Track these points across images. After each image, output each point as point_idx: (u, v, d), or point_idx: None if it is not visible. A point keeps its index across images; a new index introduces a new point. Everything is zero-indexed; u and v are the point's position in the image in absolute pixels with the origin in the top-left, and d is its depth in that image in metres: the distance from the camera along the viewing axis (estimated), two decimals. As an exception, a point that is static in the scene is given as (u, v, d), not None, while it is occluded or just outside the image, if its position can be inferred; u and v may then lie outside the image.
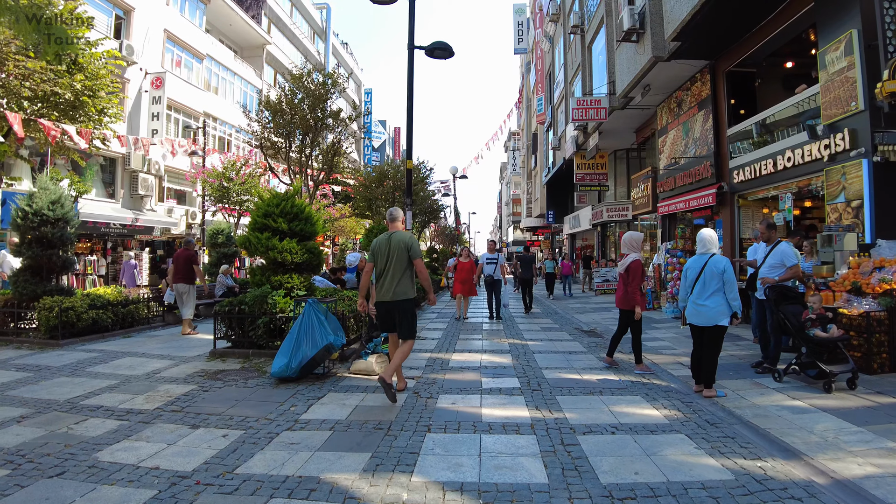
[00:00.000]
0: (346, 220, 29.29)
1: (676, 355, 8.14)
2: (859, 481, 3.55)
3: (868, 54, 8.09)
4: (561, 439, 4.44)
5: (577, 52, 22.30)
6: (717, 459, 3.97)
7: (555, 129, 29.10)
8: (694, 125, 14.21)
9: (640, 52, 13.59)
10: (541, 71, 33.36)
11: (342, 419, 5.04)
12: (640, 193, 19.22)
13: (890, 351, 6.54)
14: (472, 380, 6.67)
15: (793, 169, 10.07)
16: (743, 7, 10.20)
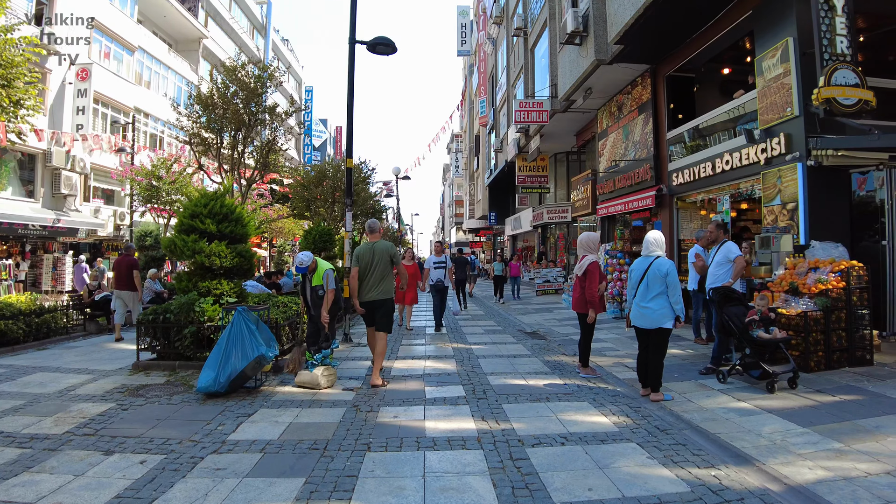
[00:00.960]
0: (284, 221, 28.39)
1: (620, 357, 8.12)
2: (813, 487, 3.50)
3: (803, 62, 8.32)
4: (510, 453, 4.22)
5: (519, 55, 22.40)
6: (671, 470, 3.85)
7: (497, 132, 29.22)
8: (634, 128, 14.42)
9: (583, 55, 13.67)
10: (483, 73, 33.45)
11: (274, 439, 4.64)
12: (580, 195, 19.45)
13: (826, 349, 6.70)
14: (415, 389, 6.37)
15: (730, 172, 10.29)
16: (684, 12, 10.36)
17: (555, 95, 17.13)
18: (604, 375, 6.95)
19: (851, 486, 3.50)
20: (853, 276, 6.92)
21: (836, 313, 6.76)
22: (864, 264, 7.13)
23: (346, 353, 8.62)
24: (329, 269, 7.29)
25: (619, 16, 11.18)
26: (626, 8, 10.76)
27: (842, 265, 7.01)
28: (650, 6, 9.94)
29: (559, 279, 20.33)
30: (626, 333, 10.01)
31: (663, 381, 5.93)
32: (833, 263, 7.13)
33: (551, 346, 9.29)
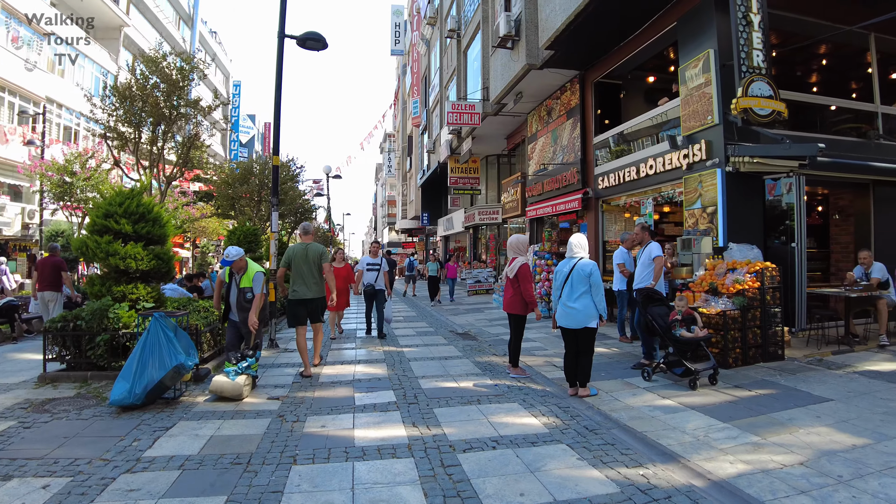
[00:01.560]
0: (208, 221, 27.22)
1: (549, 356, 8.23)
2: (734, 481, 3.62)
3: (723, 73, 8.74)
4: (441, 460, 4.13)
5: (452, 57, 22.49)
6: (600, 471, 3.89)
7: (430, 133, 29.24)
8: (562, 133, 14.74)
9: (515, 59, 13.86)
10: (417, 73, 33.40)
11: (194, 454, 4.33)
12: (510, 198, 19.71)
13: (743, 346, 7.03)
14: (344, 396, 6.15)
15: (654, 176, 10.67)
16: (613, 21, 10.67)
17: (487, 98, 17.29)
18: (533, 375, 7.00)
19: (769, 478, 3.65)
20: (767, 277, 7.30)
21: (751, 312, 7.10)
22: (776, 265, 7.55)
23: (272, 360, 8.27)
24: (260, 272, 6.82)
25: (551, 21, 11.39)
26: (558, 14, 10.97)
27: (757, 266, 7.39)
28: (580, 13, 10.18)
29: (490, 279, 20.53)
30: (554, 333, 10.16)
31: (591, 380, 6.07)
32: (749, 265, 7.50)
33: (482, 346, 9.31)
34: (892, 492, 3.38)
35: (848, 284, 8.36)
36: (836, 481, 3.56)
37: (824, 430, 4.52)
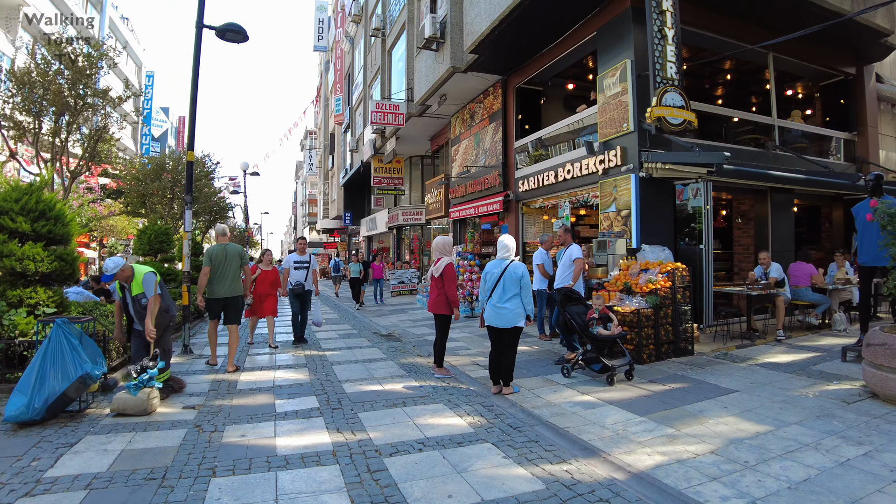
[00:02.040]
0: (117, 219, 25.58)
1: (473, 355, 8.32)
2: (652, 472, 3.79)
3: (639, 83, 9.16)
4: (367, 466, 4.07)
5: (377, 56, 22.33)
6: (526, 468, 3.96)
7: (353, 131, 28.89)
8: (485, 136, 14.97)
9: (440, 62, 13.93)
10: (340, 71, 32.92)
11: (103, 471, 4.01)
12: (433, 199, 19.80)
13: (656, 342, 7.39)
14: (264, 403, 5.90)
15: (572, 181, 11.02)
16: (536, 28, 10.93)
17: (411, 99, 17.28)
18: (458, 375, 7.05)
19: (684, 467, 3.85)
20: (678, 276, 7.71)
21: (663, 310, 7.48)
22: (686, 265, 7.99)
23: (186, 367, 7.84)
24: (149, 273, 6.13)
25: (476, 26, 11.54)
26: (483, 18, 11.14)
27: (668, 267, 7.79)
28: (505, 18, 10.38)
29: (414, 280, 20.53)
30: (477, 332, 10.32)
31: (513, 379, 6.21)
32: (661, 265, 7.91)
33: (406, 348, 9.28)
34: (792, 474, 3.67)
35: (749, 283, 8.98)
36: (743, 467, 3.81)
37: (731, 420, 4.83)
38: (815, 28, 9.11)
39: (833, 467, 3.76)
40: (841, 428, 4.53)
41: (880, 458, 3.90)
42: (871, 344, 5.30)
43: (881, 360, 5.14)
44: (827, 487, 3.46)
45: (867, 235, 7.04)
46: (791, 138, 12.26)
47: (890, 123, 14.14)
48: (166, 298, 6.31)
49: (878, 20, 10.90)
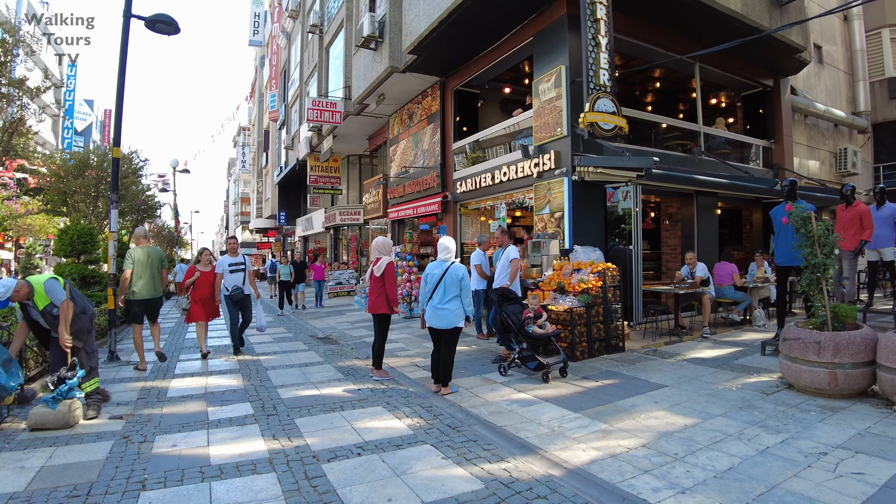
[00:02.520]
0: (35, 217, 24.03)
1: (411, 356, 8.31)
2: (587, 467, 3.90)
3: (573, 88, 9.40)
4: (305, 472, 3.98)
5: (314, 52, 21.96)
6: (465, 468, 3.98)
7: (288, 128, 28.28)
8: (423, 137, 14.99)
9: (378, 61, 13.85)
10: (276, 66, 32.17)
11: (20, 490, 3.73)
12: (371, 199, 19.66)
13: (588, 340, 7.61)
14: (196, 411, 5.67)
15: (508, 183, 11.20)
16: (474, 31, 11.03)
17: (349, 97, 17.09)
18: (397, 377, 7.01)
19: (618, 462, 3.98)
20: (608, 276, 7.97)
21: (595, 308, 7.71)
22: (616, 265, 8.27)
23: (112, 374, 7.45)
24: (50, 280, 5.56)
25: (415, 26, 11.54)
26: (421, 19, 11.15)
27: (599, 267, 8.05)
28: (443, 21, 10.43)
29: (352, 281, 20.31)
30: (416, 333, 10.31)
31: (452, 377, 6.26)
32: (592, 265, 8.16)
33: (344, 350, 9.16)
34: (717, 463, 3.86)
35: (676, 282, 9.37)
36: (674, 458, 3.98)
37: (662, 414, 5.04)
38: (737, 42, 9.62)
39: (754, 455, 3.98)
40: (761, 418, 4.81)
41: (796, 444, 4.16)
42: (787, 338, 5.65)
43: (795, 353, 5.48)
44: (749, 474, 3.66)
45: (783, 237, 7.50)
46: (715, 144, 12.90)
47: (803, 133, 15.12)
48: (79, 300, 5.80)
49: (794, 37, 11.62)
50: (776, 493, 3.40)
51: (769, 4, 11.08)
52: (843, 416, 4.79)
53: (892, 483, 3.46)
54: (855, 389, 5.22)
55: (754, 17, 10.53)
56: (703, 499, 3.36)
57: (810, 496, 3.33)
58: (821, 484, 3.48)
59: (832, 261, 5.82)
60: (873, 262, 8.94)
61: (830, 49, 16.81)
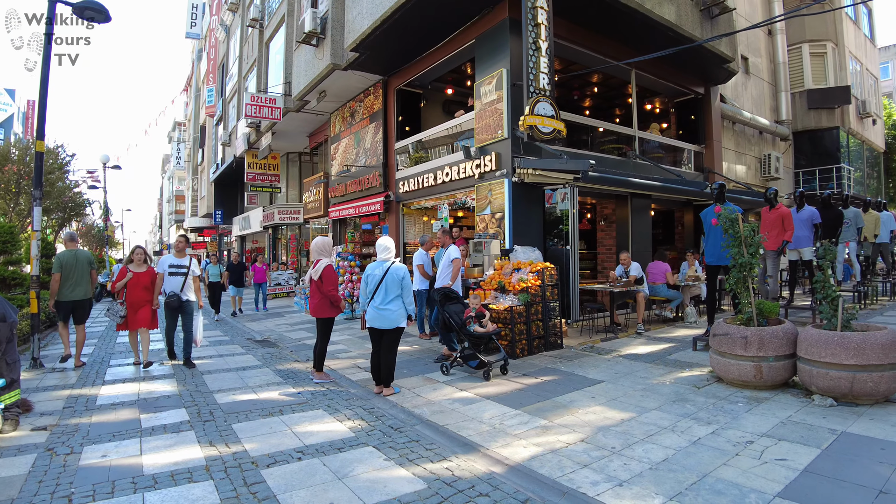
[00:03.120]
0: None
1: (353, 358, 8.22)
2: (528, 463, 3.95)
3: (513, 92, 9.54)
4: (243, 479, 3.86)
5: (254, 47, 21.41)
6: (407, 469, 3.97)
7: (225, 124, 27.46)
8: (366, 136, 14.87)
9: (319, 58, 13.65)
10: (214, 60, 31.18)
11: None
12: (312, 197, 19.34)
13: (528, 338, 7.73)
14: (127, 419, 5.39)
15: (450, 183, 11.25)
16: (417, 31, 11.02)
17: (289, 93, 16.76)
18: (338, 379, 6.91)
19: (557, 457, 4.06)
20: (547, 275, 8.12)
21: (534, 307, 7.84)
22: (554, 265, 8.45)
23: (36, 382, 7.00)
24: None
25: (357, 24, 11.43)
26: (364, 17, 11.05)
27: (538, 266, 8.20)
28: (386, 19, 10.38)
29: (291, 282, 19.90)
30: (357, 334, 10.20)
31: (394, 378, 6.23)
32: (532, 265, 8.30)
33: (283, 353, 8.95)
34: (653, 455, 3.99)
35: (612, 281, 9.65)
36: (611, 452, 4.09)
37: (599, 409, 5.17)
38: (672, 50, 10.01)
39: (687, 446, 4.14)
40: (693, 410, 5.01)
41: (725, 434, 4.35)
42: (716, 334, 5.90)
43: (724, 348, 5.74)
44: (682, 465, 3.80)
45: (712, 238, 7.84)
46: (649, 148, 13.37)
47: (731, 138, 15.88)
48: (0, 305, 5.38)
49: (723, 48, 12.20)
50: (707, 481, 3.55)
51: (701, 16, 11.58)
52: (768, 406, 5.05)
53: (812, 467, 3.67)
54: (778, 381, 5.51)
55: (688, 28, 10.98)
56: (639, 490, 3.46)
57: (738, 482, 3.50)
58: (748, 471, 3.66)
59: (758, 260, 6.12)
60: (794, 262, 9.48)
61: (756, 61, 17.73)
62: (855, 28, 21.15)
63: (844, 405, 4.91)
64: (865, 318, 8.89)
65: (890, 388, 4.83)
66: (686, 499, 3.32)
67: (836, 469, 3.64)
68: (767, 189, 8.99)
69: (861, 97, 20.53)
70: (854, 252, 11.50)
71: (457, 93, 14.57)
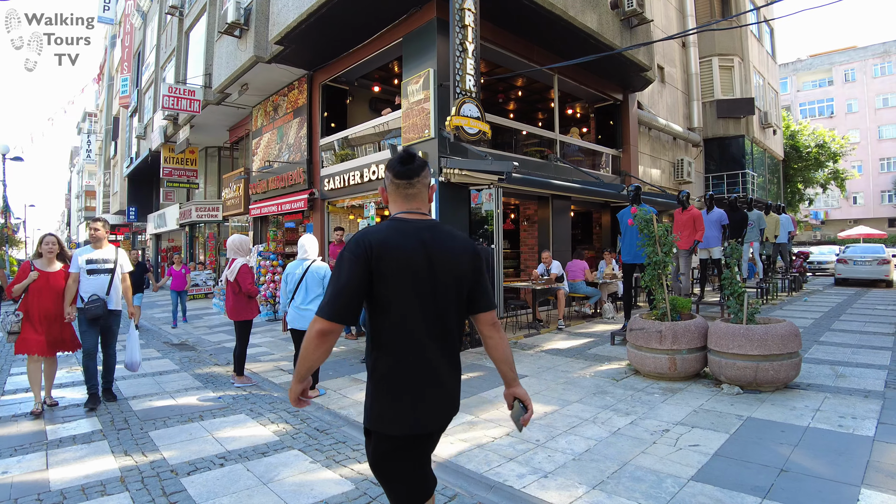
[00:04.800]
0: None
1: (275, 360, 8.02)
2: (455, 459, 4.00)
3: (440, 92, 9.58)
4: (162, 489, 3.70)
5: (172, 36, 20.43)
6: (334, 471, 3.92)
7: (141, 116, 26.04)
8: (289, 131, 14.53)
9: (242, 49, 13.20)
10: (129, 48, 29.46)
11: None
12: (231, 194, 18.69)
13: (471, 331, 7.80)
14: (31, 431, 5.00)
15: (377, 181, 11.15)
16: (343, 27, 10.85)
17: (209, 85, 16.11)
18: (260, 382, 6.73)
19: (484, 451, 4.13)
20: (475, 275, 8.21)
21: (462, 306, 7.91)
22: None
23: None
24: None
25: (282, 16, 11.14)
26: (290, 10, 10.79)
27: (467, 266, 8.27)
28: (312, 13, 10.16)
29: (209, 282, 19.15)
30: (280, 336, 9.94)
31: (319, 379, 6.14)
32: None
33: (202, 357, 8.60)
34: (575, 447, 4.13)
35: (534, 279, 9.90)
36: (535, 445, 4.20)
37: (523, 404, 5.28)
38: (593, 56, 10.35)
39: (608, 437, 4.31)
40: (612, 402, 5.22)
41: (643, 424, 4.57)
42: (633, 329, 6.19)
43: (640, 342, 6.02)
44: (603, 455, 3.96)
45: (628, 237, 8.21)
46: (570, 152, 13.80)
47: (647, 144, 16.65)
48: None
49: (641, 56, 12.77)
50: (627, 469, 3.71)
51: (621, 26, 12.07)
52: (682, 396, 5.35)
53: (722, 451, 3.92)
54: (690, 372, 5.84)
55: (608, 36, 11.41)
56: (563, 481, 3.58)
57: (656, 469, 3.68)
58: (664, 458, 3.86)
59: (671, 258, 6.46)
60: (704, 260, 10.06)
61: (671, 70, 18.69)
62: (759, 45, 22.76)
63: (750, 392, 5.27)
64: (767, 313, 9.59)
65: (788, 376, 5.24)
66: (608, 486, 3.47)
67: (743, 452, 3.90)
68: (680, 192, 9.50)
69: (763, 108, 22.11)
70: (757, 251, 12.35)
71: (384, 91, 14.50)
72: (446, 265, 2.17)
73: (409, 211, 2.24)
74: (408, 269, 2.10)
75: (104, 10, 33.58)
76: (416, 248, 2.11)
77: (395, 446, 2.21)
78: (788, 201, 27.25)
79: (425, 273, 2.12)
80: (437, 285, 2.15)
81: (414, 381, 2.16)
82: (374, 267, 2.06)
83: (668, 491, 3.37)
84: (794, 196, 28.36)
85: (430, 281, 2.13)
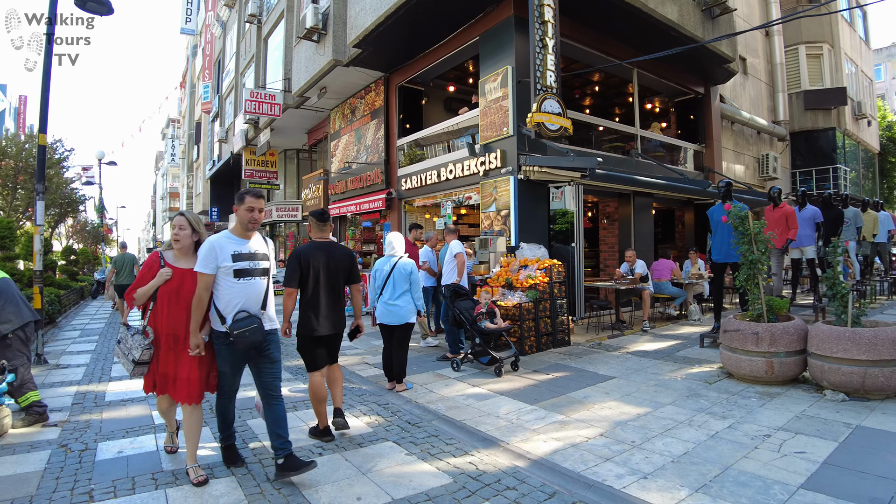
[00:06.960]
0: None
1: (361, 354, 8.23)
2: (550, 457, 3.98)
3: (519, 89, 9.54)
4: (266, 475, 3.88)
5: (251, 43, 21.30)
6: (430, 463, 3.98)
7: (222, 121, 27.31)
8: (367, 133, 14.85)
9: (321, 54, 13.60)
10: (209, 56, 30.99)
11: None
12: (311, 194, 19.28)
13: (536, 334, 7.77)
14: (140, 415, 5.33)
15: (454, 181, 11.26)
16: (420, 28, 11.01)
17: (288, 90, 16.69)
18: (349, 376, 6.92)
19: (579, 451, 4.09)
20: (554, 272, 8.16)
21: (542, 303, 7.88)
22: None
23: (41, 379, 6.91)
24: None
25: (360, 20, 11.40)
26: (367, 13, 11.03)
27: (546, 263, 8.22)
28: (390, 16, 10.36)
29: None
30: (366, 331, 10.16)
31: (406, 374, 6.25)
32: (539, 262, 8.32)
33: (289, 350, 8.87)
34: (673, 449, 4.03)
35: (617, 278, 9.70)
36: (631, 446, 4.13)
37: (614, 404, 5.21)
38: (674, 50, 10.05)
39: (706, 440, 4.18)
40: (707, 405, 5.05)
41: (742, 428, 4.40)
42: (727, 330, 5.96)
43: (735, 344, 5.80)
44: (703, 458, 3.84)
45: (719, 235, 7.89)
46: (650, 147, 13.44)
47: (730, 138, 15.96)
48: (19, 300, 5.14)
49: (724, 48, 12.26)
50: (730, 473, 3.59)
51: (702, 17, 11.64)
52: (780, 400, 5.11)
53: (832, 460, 3.72)
54: (788, 376, 5.57)
55: (690, 28, 11.03)
56: (664, 482, 3.50)
57: (761, 475, 3.54)
58: (769, 463, 3.71)
59: (766, 257, 6.18)
60: (796, 260, 9.56)
61: (754, 61, 17.83)
62: (850, 30, 21.30)
63: (856, 400, 4.97)
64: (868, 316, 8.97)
65: (901, 383, 4.90)
66: (711, 490, 3.37)
67: (856, 461, 3.69)
68: (771, 188, 9.05)
69: (857, 98, 20.70)
70: (853, 251, 11.60)
71: (458, 90, 14.57)
72: (337, 262, 4.64)
73: (321, 238, 4.71)
74: (317, 265, 4.54)
75: (186, 22, 35.37)
76: (321, 255, 4.57)
77: (309, 340, 4.63)
78: (886, 197, 25.44)
79: (325, 266, 4.57)
80: (330, 271, 4.59)
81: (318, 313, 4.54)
82: (303, 264, 4.50)
83: (777, 498, 3.24)
84: (892, 192, 26.46)
85: (327, 269, 4.57)
